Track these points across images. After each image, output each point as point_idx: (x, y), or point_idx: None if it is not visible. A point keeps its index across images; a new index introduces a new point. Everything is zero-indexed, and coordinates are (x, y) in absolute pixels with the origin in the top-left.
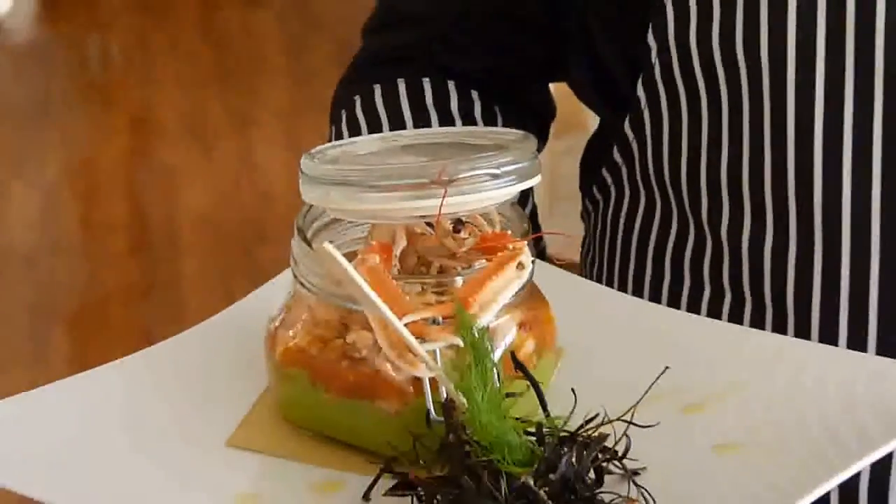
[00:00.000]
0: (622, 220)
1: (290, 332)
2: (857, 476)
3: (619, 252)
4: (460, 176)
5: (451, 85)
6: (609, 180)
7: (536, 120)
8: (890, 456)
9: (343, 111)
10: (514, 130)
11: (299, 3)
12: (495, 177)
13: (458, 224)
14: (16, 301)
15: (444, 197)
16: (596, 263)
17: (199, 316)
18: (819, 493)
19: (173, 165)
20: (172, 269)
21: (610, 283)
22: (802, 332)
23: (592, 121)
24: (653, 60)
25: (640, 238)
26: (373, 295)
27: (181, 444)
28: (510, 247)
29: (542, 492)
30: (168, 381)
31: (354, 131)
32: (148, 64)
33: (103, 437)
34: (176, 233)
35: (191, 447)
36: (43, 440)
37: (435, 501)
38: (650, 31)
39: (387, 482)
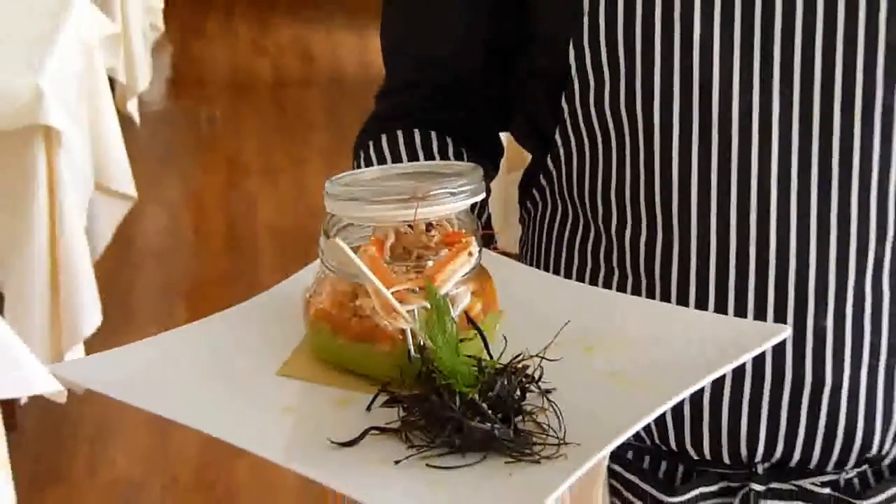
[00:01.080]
0: (546, 224)
1: (319, 299)
2: (702, 391)
3: (543, 244)
4: (430, 194)
5: (433, 133)
6: (537, 197)
7: (490, 157)
8: (724, 376)
9: (361, 152)
10: (468, 163)
11: (336, 82)
12: (454, 194)
13: (429, 226)
14: (150, 283)
15: (417, 208)
16: (529, 253)
17: None
18: (675, 401)
19: (253, 191)
20: (252, 261)
21: (537, 266)
22: (665, 297)
23: None
24: (565, 117)
25: (557, 235)
26: (370, 274)
27: (248, 373)
28: (464, 241)
29: (483, 404)
30: (240, 331)
31: (368, 166)
32: (237, 123)
33: (198, 366)
34: (255, 237)
35: (254, 376)
36: (163, 369)
37: (413, 411)
38: (563, 97)
39: (382, 398)
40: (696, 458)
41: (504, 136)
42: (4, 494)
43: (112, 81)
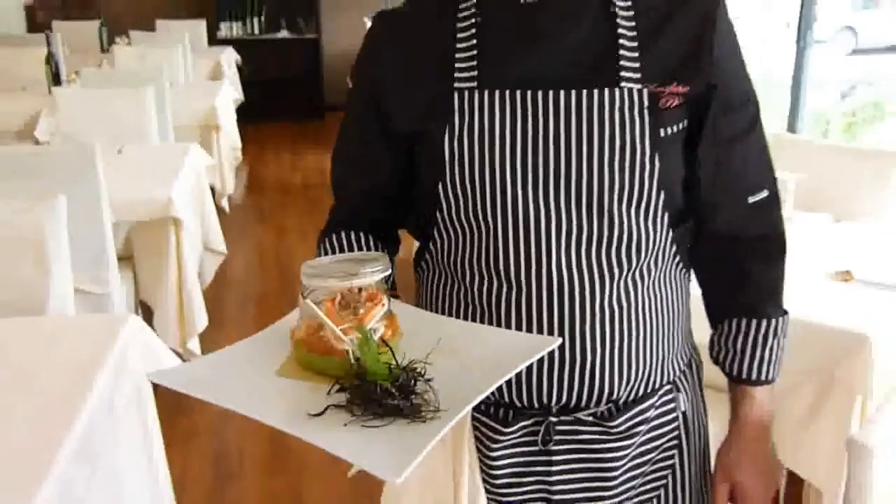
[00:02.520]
0: (429, 280)
1: (299, 331)
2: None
3: (429, 291)
4: (359, 272)
5: (362, 233)
6: (423, 265)
7: (394, 244)
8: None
9: (321, 244)
10: (381, 253)
11: None
12: (372, 272)
13: (360, 290)
14: (235, 299)
15: (353, 280)
16: (423, 296)
17: None
18: (500, 383)
19: (293, 246)
20: (292, 285)
21: (427, 303)
22: (499, 320)
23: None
24: (438, 222)
25: (436, 286)
26: (326, 319)
27: (260, 373)
28: (379, 297)
29: (393, 390)
30: (255, 350)
31: (325, 254)
32: (284, 209)
33: (230, 371)
34: (294, 271)
35: (264, 375)
36: (208, 374)
37: (354, 395)
38: (437, 211)
39: (337, 387)
40: (519, 405)
41: None
42: (152, 419)
43: (212, 188)
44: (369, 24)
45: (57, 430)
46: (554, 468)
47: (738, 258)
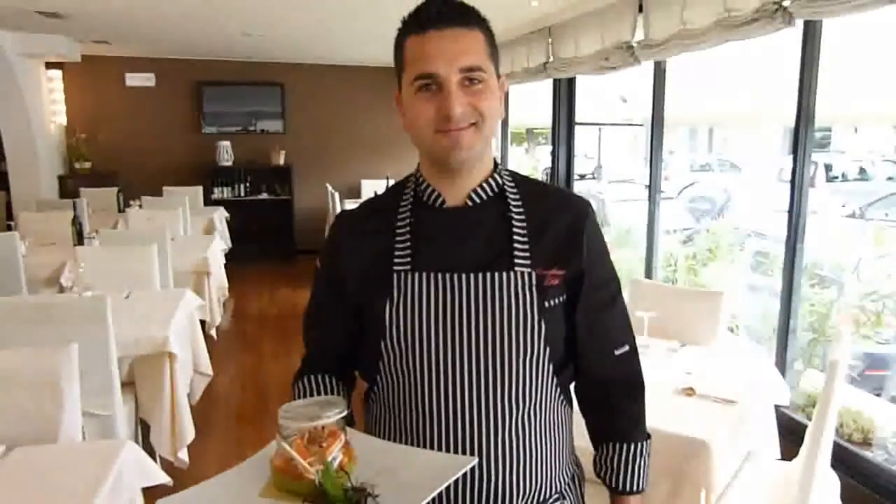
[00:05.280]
0: (375, 414)
1: (277, 461)
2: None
3: (375, 424)
4: (322, 415)
5: (327, 377)
6: (370, 402)
7: (352, 383)
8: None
9: (295, 385)
10: (339, 398)
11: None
12: (333, 414)
13: (323, 428)
14: (219, 413)
15: (317, 421)
16: (369, 426)
17: None
18: (430, 497)
19: (268, 366)
20: (267, 402)
21: (375, 428)
22: (428, 443)
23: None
24: (381, 369)
25: (381, 421)
26: (296, 455)
27: (245, 495)
28: (339, 434)
29: None
30: (243, 476)
31: (300, 391)
32: (261, 335)
33: (223, 494)
34: (269, 388)
35: (248, 497)
36: (211, 498)
37: None
38: (379, 362)
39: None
40: None
41: None
42: None
43: (203, 321)
44: (329, 188)
45: None
46: None
47: (610, 397)
